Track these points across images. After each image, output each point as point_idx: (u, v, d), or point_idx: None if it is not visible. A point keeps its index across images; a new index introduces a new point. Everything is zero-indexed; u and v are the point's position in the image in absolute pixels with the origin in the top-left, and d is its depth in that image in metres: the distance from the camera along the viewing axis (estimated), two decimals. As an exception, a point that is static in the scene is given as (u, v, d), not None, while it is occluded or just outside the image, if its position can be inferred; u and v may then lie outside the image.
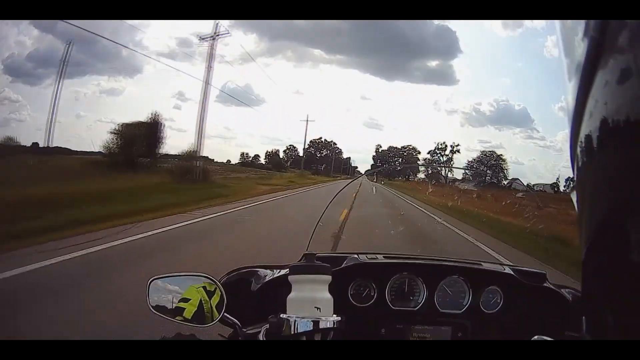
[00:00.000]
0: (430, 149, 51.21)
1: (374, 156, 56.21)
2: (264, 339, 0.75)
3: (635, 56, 0.25)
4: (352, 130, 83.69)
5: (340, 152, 57.78)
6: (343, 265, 0.98)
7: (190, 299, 0.83)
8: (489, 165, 43.36)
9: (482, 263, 1.11)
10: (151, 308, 0.86)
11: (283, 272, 0.92)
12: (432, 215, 10.55)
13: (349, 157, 57.76)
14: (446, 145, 50.64)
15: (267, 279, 0.96)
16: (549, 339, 0.78)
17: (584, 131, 0.28)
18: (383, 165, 51.33)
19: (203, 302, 0.82)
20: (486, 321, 0.98)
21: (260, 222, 8.87)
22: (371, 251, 1.11)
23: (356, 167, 56.59)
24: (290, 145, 50.84)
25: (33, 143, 21.95)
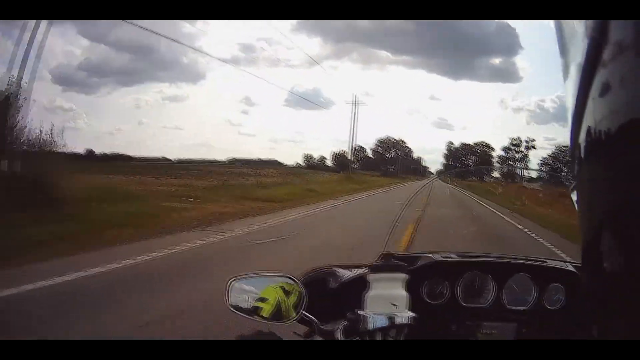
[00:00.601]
0: (504, 146, 47.62)
1: (446, 154, 53.73)
2: (341, 335, 0.79)
3: (635, 56, 0.24)
4: (422, 131, 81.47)
5: (411, 151, 55.82)
6: (418, 264, 1.01)
7: (267, 299, 0.86)
8: (564, 162, 39.07)
9: (547, 260, 1.13)
10: (230, 307, 0.89)
11: (361, 271, 0.96)
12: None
13: (420, 157, 55.66)
14: (520, 141, 46.56)
15: (346, 278, 0.99)
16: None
17: (583, 131, 0.28)
18: (455, 164, 48.74)
19: (281, 301, 0.85)
20: (549, 317, 1.00)
21: None
22: (444, 250, 1.15)
23: (427, 168, 54.48)
24: (358, 145, 49.51)
25: (87, 150, 22.66)
